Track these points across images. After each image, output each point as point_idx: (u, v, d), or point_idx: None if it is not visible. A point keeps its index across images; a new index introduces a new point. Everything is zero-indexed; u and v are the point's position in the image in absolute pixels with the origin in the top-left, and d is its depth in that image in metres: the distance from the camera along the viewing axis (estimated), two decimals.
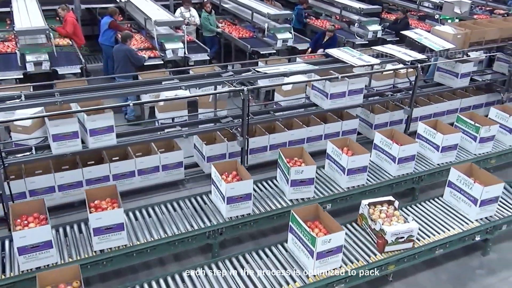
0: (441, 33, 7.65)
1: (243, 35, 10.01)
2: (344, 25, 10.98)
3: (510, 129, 6.87)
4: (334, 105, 6.64)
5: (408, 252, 4.74)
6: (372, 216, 4.87)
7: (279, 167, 5.67)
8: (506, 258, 5.42)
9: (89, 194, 4.71)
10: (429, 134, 6.37)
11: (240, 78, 6.03)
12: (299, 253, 4.56)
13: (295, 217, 4.53)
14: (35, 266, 4.28)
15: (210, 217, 5.10)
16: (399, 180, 5.97)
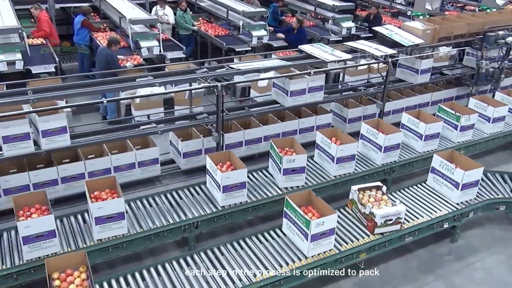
0: (411, 28, 7.84)
1: (219, 33, 10.08)
2: (319, 22, 11.16)
3: (489, 118, 7.16)
4: (295, 102, 6.70)
5: (378, 240, 4.89)
6: (361, 200, 5.12)
7: (271, 157, 5.86)
8: (473, 244, 5.62)
9: (89, 185, 4.82)
10: (412, 123, 6.62)
11: (214, 74, 6.11)
12: (294, 236, 4.75)
13: (289, 202, 4.73)
14: (39, 255, 4.39)
15: (204, 206, 5.25)
16: (385, 167, 6.22)
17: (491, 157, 7.57)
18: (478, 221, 5.97)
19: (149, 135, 6.19)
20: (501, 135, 7.29)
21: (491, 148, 7.50)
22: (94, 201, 4.64)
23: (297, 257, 4.60)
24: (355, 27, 10.55)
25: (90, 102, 5.74)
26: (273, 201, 5.48)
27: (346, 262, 4.75)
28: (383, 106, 7.41)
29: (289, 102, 6.68)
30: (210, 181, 5.45)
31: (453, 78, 8.61)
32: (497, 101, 7.43)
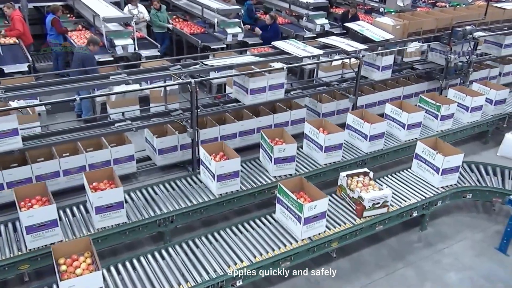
0: (382, 24, 8.04)
1: (195, 31, 10.14)
2: (294, 19, 11.29)
3: (467, 107, 7.47)
4: (255, 100, 6.63)
5: (349, 230, 5.03)
6: (350, 186, 5.34)
7: (262, 147, 6.06)
8: (442, 232, 5.81)
9: (87, 176, 4.94)
10: (395, 113, 6.90)
11: (187, 71, 6.18)
12: (287, 221, 4.94)
13: (282, 188, 4.91)
14: (42, 244, 4.51)
15: (202, 195, 5.44)
16: (370, 156, 6.45)
17: (461, 148, 7.75)
18: (447, 210, 6.17)
19: (124, 132, 6.20)
20: (478, 123, 7.63)
21: (462, 139, 7.75)
22: (93, 191, 4.77)
23: (289, 241, 4.79)
24: (328, 23, 10.72)
25: (63, 100, 5.74)
26: (266, 189, 5.68)
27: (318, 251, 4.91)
28: (355, 100, 7.57)
29: (249, 100, 6.59)
30: (204, 171, 5.62)
31: (424, 72, 8.84)
32: (474, 91, 7.76)
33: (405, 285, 4.98)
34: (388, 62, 7.76)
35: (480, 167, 6.39)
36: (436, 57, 8.60)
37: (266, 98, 6.72)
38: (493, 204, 6.15)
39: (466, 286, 5.00)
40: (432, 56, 8.75)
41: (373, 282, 5.00)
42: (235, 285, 4.41)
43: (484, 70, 9.62)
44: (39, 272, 4.75)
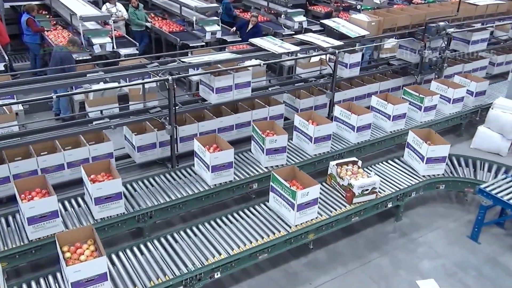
0: (357, 21, 8.17)
1: (173, 29, 10.16)
2: (272, 17, 11.40)
3: (449, 99, 7.76)
4: (222, 99, 6.56)
5: (326, 221, 5.15)
6: (340, 174, 5.57)
7: (254, 140, 6.26)
8: (416, 222, 5.97)
9: (86, 169, 5.06)
10: (381, 105, 7.17)
11: (165, 68, 6.22)
12: (281, 208, 5.14)
13: (275, 176, 5.11)
14: (43, 235, 4.63)
15: (197, 185, 5.60)
16: (358, 146, 6.70)
17: None
18: (422, 200, 6.34)
19: (102, 130, 6.22)
20: (460, 114, 7.93)
21: (438, 132, 7.91)
22: (92, 183, 4.89)
23: (283, 227, 4.99)
24: (306, 21, 10.84)
25: (39, 98, 5.73)
26: (258, 179, 5.85)
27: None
28: (332, 96, 7.69)
29: (215, 99, 6.51)
30: (198, 163, 5.80)
31: (399, 68, 9.01)
32: (456, 83, 8.06)
33: (380, 273, 5.11)
34: (355, 59, 7.77)
35: (453, 159, 6.56)
36: (405, 55, 8.77)
37: (233, 97, 6.64)
38: (465, 194, 6.33)
39: (439, 273, 5.15)
40: (401, 53, 8.91)
41: (349, 271, 5.12)
42: (214, 277, 4.49)
43: (459, 65, 9.84)
44: (39, 263, 4.85)
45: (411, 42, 8.56)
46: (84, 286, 3.87)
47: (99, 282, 3.92)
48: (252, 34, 9.07)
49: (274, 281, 4.92)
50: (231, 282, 4.86)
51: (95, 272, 3.88)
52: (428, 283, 4.99)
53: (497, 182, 5.70)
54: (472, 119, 8.20)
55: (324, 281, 4.96)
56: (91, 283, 3.90)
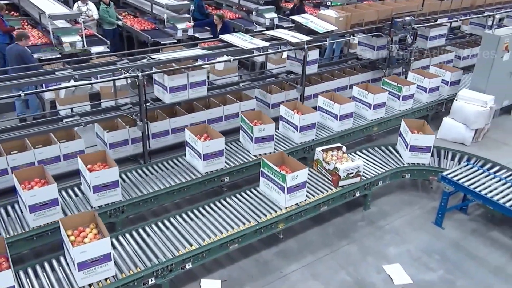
0: (325, 16, 8.34)
1: (145, 27, 10.17)
2: (244, 14, 11.49)
3: (426, 88, 8.17)
4: (176, 98, 6.44)
5: (295, 210, 5.29)
6: (326, 159, 5.86)
7: (242, 129, 6.51)
8: (383, 210, 6.17)
9: (83, 159, 5.29)
10: (362, 95, 7.49)
11: (135, 65, 6.26)
12: (271, 192, 5.40)
13: (266, 162, 5.37)
14: (44, 222, 4.82)
15: (187, 173, 5.80)
16: (341, 134, 7.02)
17: None
18: (390, 190, 6.54)
19: (72, 127, 6.22)
20: (435, 103, 8.31)
21: None
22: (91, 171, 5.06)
23: (274, 210, 5.26)
24: (278, 17, 10.97)
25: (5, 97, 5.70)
26: (248, 166, 6.10)
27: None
28: (303, 91, 7.84)
29: (169, 99, 6.38)
30: (190, 152, 6.01)
31: (368, 62, 9.22)
32: (431, 73, 8.47)
33: (349, 260, 5.28)
34: (313, 56, 7.78)
35: None
36: (364, 52, 8.97)
37: (188, 96, 6.51)
38: (430, 182, 6.55)
39: (404, 258, 5.34)
40: (360, 50, 9.10)
41: (318, 259, 5.27)
42: (185, 268, 4.58)
43: (426, 59, 10.12)
44: (40, 251, 5.03)
45: (369, 38, 8.74)
46: (89, 267, 4.10)
47: (103, 262, 4.15)
48: (222, 33, 9.16)
49: (245, 271, 5.04)
50: (203, 272, 4.96)
51: (99, 252, 4.10)
52: (394, 268, 5.18)
53: (459, 170, 5.94)
54: (438, 111, 8.46)
55: (294, 269, 5.10)
56: (96, 263, 4.12)
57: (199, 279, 4.87)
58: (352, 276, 5.05)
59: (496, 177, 5.81)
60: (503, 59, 7.95)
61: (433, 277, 5.08)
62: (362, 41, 8.94)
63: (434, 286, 4.97)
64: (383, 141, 7.74)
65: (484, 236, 5.74)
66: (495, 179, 5.76)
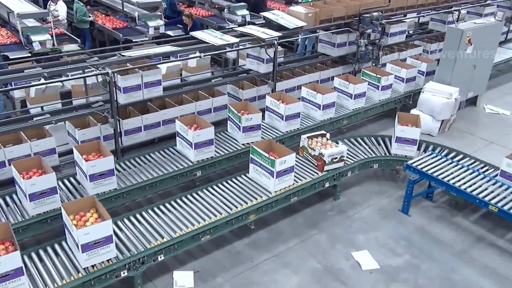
0: (295, 13, 8.49)
1: (117, 25, 10.15)
2: (216, 11, 11.56)
3: (403, 78, 8.53)
4: (130, 99, 6.43)
5: (265, 201, 5.41)
6: (311, 145, 6.16)
7: (230, 119, 6.75)
8: (353, 200, 6.34)
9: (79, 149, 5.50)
10: (343, 85, 7.79)
11: (104, 62, 6.28)
12: (261, 177, 5.68)
13: (255, 148, 5.66)
14: (43, 210, 5.00)
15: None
16: (324, 123, 7.29)
17: (374, 125, 8.47)
18: (359, 180, 6.73)
19: (43, 125, 6.20)
20: (412, 93, 8.62)
21: (376, 117, 8.53)
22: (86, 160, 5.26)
23: (264, 193, 5.53)
24: (250, 14, 11.08)
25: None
26: (237, 154, 6.35)
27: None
28: (274, 86, 7.97)
29: (123, 99, 6.36)
30: (180, 142, 6.24)
31: (338, 57, 9.40)
32: (408, 64, 8.84)
33: (318, 248, 5.43)
34: (272, 54, 7.69)
35: (386, 140, 6.98)
36: (324, 49, 9.10)
37: (143, 96, 6.52)
38: (397, 172, 6.77)
39: (372, 245, 5.52)
40: (322, 47, 9.22)
41: (289, 248, 5.41)
42: (157, 260, 4.65)
43: (395, 53, 10.37)
44: (40, 239, 5.17)
45: (329, 36, 8.86)
46: (92, 248, 4.29)
47: (105, 244, 4.35)
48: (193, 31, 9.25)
49: (217, 261, 5.14)
50: (176, 264, 5.05)
51: (102, 234, 4.30)
52: (362, 254, 5.36)
53: (423, 158, 6.15)
54: (406, 103, 8.70)
55: (266, 259, 5.23)
56: (99, 245, 4.31)
57: (172, 271, 4.95)
58: (321, 263, 5.21)
59: (458, 165, 6.04)
60: (466, 52, 8.21)
61: (399, 262, 5.28)
62: (323, 38, 9.04)
63: (400, 270, 5.16)
64: (356, 132, 7.96)
65: (449, 221, 5.96)
66: (457, 167, 5.99)
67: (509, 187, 5.59)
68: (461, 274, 5.12)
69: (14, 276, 3.98)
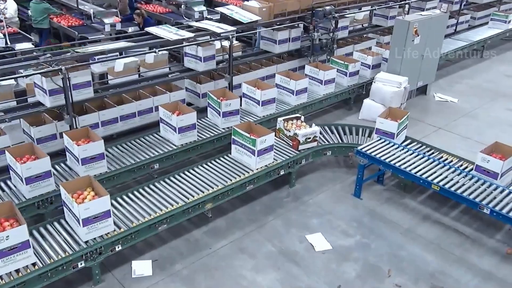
0: (249, 7, 8.67)
1: (72, 23, 10.07)
2: (174, 8, 11.62)
3: (369, 65, 9.16)
4: (58, 101, 6.25)
5: (222, 190, 5.58)
6: (286, 127, 6.63)
7: (210, 106, 7.13)
8: (308, 186, 6.58)
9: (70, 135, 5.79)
10: (314, 72, 8.37)
11: (57, 59, 6.28)
12: (242, 156, 6.11)
13: (236, 130, 6.08)
14: (38, 193, 5.26)
15: (160, 147, 6.37)
16: (297, 107, 7.78)
17: (330, 114, 8.75)
18: (314, 167, 6.98)
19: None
20: (365, 83, 9.08)
21: (331, 106, 8.86)
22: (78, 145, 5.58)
23: (246, 171, 5.95)
24: (207, 10, 11.20)
25: None
26: (218, 138, 6.75)
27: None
28: (231, 80, 8.12)
29: (50, 103, 6.24)
30: (164, 128, 6.61)
31: (294, 51, 9.64)
32: (374, 52, 9.40)
33: (274, 233, 5.64)
34: (209, 53, 7.79)
35: (339, 128, 7.26)
36: (266, 46, 9.22)
37: (74, 98, 6.32)
38: (350, 158, 7.05)
39: (325, 227, 5.77)
40: (264, 44, 9.34)
41: (246, 234, 5.59)
42: (115, 250, 4.75)
43: (349, 46, 10.71)
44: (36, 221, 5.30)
45: (271, 32, 8.99)
46: (92, 223, 4.61)
47: (104, 219, 4.68)
48: None
49: (176, 249, 5.28)
50: (134, 254, 5.15)
51: (101, 209, 4.63)
52: (315, 237, 5.59)
53: (372, 144, 6.45)
54: (359, 93, 9.02)
55: (223, 245, 5.40)
56: (98, 220, 4.64)
57: (131, 261, 5.05)
58: (276, 247, 5.42)
59: (405, 149, 6.36)
60: (414, 42, 8.60)
61: (351, 242, 5.54)
62: (264, 35, 9.14)
63: (351, 249, 5.43)
64: (311, 122, 8.17)
65: (397, 203, 6.28)
66: (403, 150, 6.31)
67: (451, 167, 5.95)
68: (407, 250, 5.43)
69: (22, 249, 4.27)
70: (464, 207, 6.09)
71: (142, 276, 4.89)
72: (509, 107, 9.41)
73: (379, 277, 5.04)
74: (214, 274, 4.98)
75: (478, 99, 9.70)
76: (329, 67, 8.44)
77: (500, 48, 13.13)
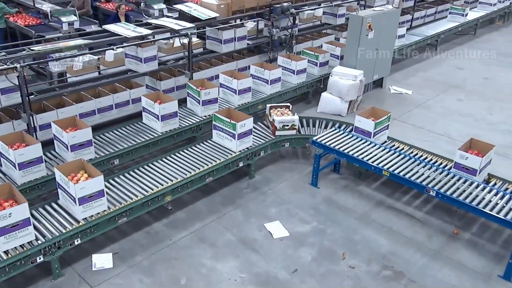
0: (207, 4, 8.78)
1: (29, 23, 9.94)
2: (134, 6, 11.60)
3: (338, 56, 9.64)
4: (10, 100, 6.25)
5: (181, 182, 5.69)
6: (271, 113, 7.05)
7: (189, 95, 7.50)
8: (267, 177, 6.77)
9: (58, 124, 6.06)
10: (286, 63, 8.84)
11: (12, 57, 6.25)
12: (224, 141, 6.50)
13: (217, 115, 6.51)
14: (31, 178, 5.51)
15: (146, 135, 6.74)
16: (271, 96, 8.29)
17: None
18: (273, 159, 7.17)
19: None
20: (323, 77, 9.36)
21: (291, 100, 8.88)
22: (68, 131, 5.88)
23: (227, 154, 6.33)
24: (166, 8, 11.24)
25: None
26: (198, 124, 7.13)
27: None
28: (191, 76, 8.22)
29: (3, 101, 6.18)
30: (146, 116, 6.95)
31: (253, 46, 9.82)
32: (342, 43, 9.84)
33: (234, 223, 5.80)
34: (150, 53, 7.68)
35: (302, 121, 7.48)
36: (212, 46, 9.26)
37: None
38: (307, 149, 7.28)
39: (283, 215, 5.97)
40: (209, 44, 9.37)
41: (206, 225, 5.73)
42: (74, 244, 4.80)
43: (308, 42, 10.96)
44: None
45: (215, 31, 8.96)
46: (88, 201, 4.90)
47: (98, 198, 4.98)
48: None
49: (136, 242, 5.36)
50: (95, 248, 5.21)
51: (95, 188, 4.93)
52: (274, 224, 5.78)
53: (327, 134, 6.68)
54: (317, 87, 9.28)
55: (183, 236, 5.51)
56: (93, 199, 4.94)
57: (91, 255, 5.11)
58: (236, 236, 5.57)
59: (358, 138, 6.62)
60: (368, 37, 8.91)
61: (307, 228, 5.76)
62: (210, 35, 9.15)
63: (308, 235, 5.64)
64: None
65: (353, 190, 6.54)
66: (357, 139, 6.57)
67: (400, 154, 6.25)
68: (361, 234, 5.68)
69: (23, 226, 4.50)
70: (415, 192, 6.40)
71: (102, 268, 4.96)
72: (460, 97, 9.87)
73: (334, 260, 5.27)
74: (174, 263, 5.10)
75: (431, 91, 10.12)
76: (301, 58, 8.97)
77: (454, 42, 13.69)
